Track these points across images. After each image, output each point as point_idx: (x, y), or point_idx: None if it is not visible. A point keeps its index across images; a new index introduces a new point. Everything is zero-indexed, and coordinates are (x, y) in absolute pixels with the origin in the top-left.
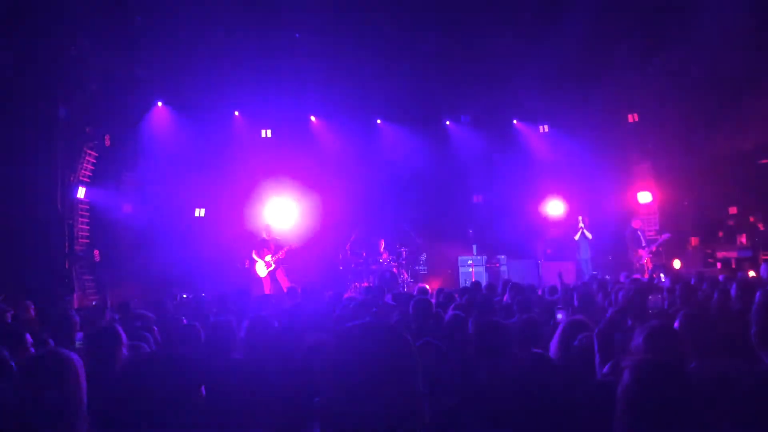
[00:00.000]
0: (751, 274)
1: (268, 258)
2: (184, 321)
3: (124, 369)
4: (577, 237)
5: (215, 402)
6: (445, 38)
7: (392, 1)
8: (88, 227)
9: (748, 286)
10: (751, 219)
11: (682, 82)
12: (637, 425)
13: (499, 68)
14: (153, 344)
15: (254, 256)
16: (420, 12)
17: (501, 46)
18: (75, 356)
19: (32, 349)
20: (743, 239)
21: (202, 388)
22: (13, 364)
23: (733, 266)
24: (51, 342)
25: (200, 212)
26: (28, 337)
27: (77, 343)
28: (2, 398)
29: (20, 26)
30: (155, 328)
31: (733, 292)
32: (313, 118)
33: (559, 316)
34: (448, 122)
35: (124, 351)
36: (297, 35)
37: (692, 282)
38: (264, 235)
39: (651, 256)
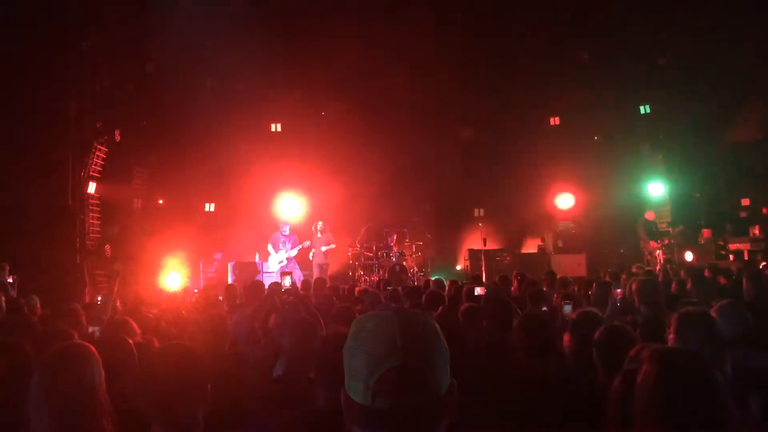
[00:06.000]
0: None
1: (281, 254)
2: None
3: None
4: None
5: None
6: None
7: None
8: (99, 222)
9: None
10: (764, 210)
11: (694, 73)
12: (653, 416)
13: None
14: None
15: (269, 249)
16: None
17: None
18: (92, 347)
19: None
20: (756, 231)
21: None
22: None
23: (746, 258)
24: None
25: (210, 207)
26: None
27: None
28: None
29: (32, 22)
30: None
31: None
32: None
33: (567, 308)
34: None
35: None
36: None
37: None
38: (282, 231)
39: (663, 248)
